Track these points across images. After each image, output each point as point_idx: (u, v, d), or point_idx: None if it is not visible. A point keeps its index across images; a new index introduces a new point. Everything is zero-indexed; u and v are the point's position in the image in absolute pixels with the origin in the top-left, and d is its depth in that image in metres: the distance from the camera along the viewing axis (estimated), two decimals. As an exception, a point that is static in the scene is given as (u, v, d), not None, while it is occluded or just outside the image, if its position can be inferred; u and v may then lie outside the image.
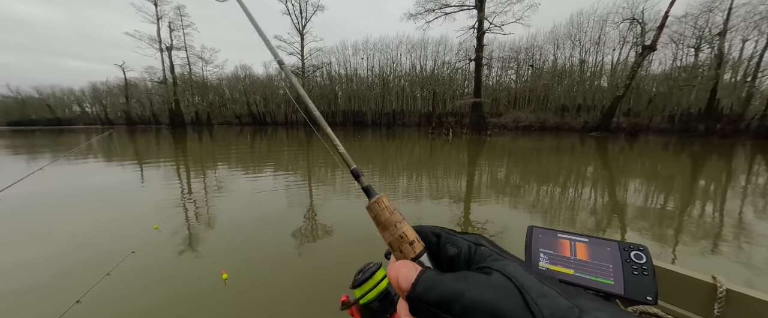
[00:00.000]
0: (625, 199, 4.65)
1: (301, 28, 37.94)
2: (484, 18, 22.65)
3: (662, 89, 26.38)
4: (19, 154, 10.87)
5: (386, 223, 0.37)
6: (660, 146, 14.09)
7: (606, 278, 0.72)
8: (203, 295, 2.05)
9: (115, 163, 8.65)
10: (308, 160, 9.30)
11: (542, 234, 0.83)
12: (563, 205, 4.33)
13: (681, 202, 4.45)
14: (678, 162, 9.02)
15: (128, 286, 2.12)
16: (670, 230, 3.32)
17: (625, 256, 0.73)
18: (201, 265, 2.54)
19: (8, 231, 3.31)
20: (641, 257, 0.72)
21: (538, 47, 33.52)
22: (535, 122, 29.12)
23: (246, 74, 47.99)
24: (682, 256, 2.70)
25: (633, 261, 0.72)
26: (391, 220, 0.37)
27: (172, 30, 37.60)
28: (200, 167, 7.87)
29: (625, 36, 26.79)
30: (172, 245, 2.88)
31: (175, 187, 5.51)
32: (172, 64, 38.30)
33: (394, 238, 0.35)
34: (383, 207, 0.39)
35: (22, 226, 3.45)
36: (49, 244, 2.98)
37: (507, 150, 12.41)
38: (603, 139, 18.08)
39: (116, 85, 53.39)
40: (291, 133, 25.07)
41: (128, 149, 12.65)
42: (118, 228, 3.34)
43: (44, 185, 5.22)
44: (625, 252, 0.74)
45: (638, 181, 6.05)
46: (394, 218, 0.37)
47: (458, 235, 0.34)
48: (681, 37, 23.93)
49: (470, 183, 6.00)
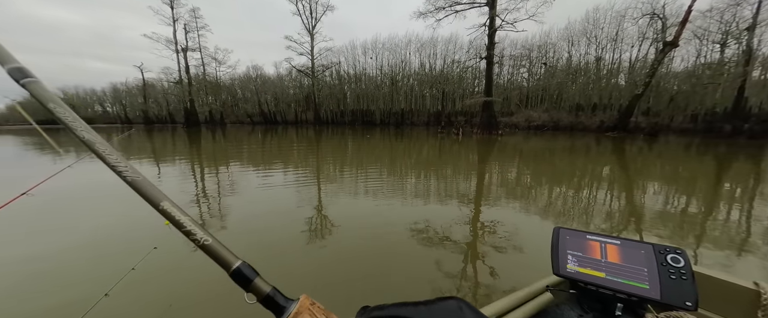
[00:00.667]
0: (644, 201, 4.46)
1: (311, 29, 38.32)
2: (496, 15, 22.20)
3: (685, 87, 25.16)
4: (46, 153, 11.46)
5: None
6: (682, 147, 13.47)
7: (640, 282, 0.68)
8: (221, 288, 2.10)
9: (136, 160, 8.98)
10: (317, 158, 9.39)
11: (570, 235, 0.80)
12: (578, 207, 4.20)
13: (706, 205, 4.23)
14: (701, 164, 8.59)
15: (151, 280, 2.21)
16: (699, 234, 3.16)
17: (660, 259, 0.69)
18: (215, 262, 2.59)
19: (37, 224, 3.48)
20: (679, 261, 0.68)
21: (552, 44, 32.59)
22: (548, 122, 28.36)
23: (257, 74, 48.90)
24: (717, 261, 2.56)
25: (670, 264, 0.68)
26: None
27: (188, 32, 38.70)
28: (214, 164, 8.07)
29: (644, 32, 25.70)
30: (187, 241, 2.96)
31: (191, 183, 5.66)
32: (187, 65, 39.45)
33: None
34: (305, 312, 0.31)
35: (50, 220, 3.62)
36: (75, 236, 3.12)
37: (519, 150, 12.15)
38: (620, 140, 17.43)
39: (135, 85, 55.48)
40: (301, 132, 25.39)
41: (146, 147, 13.13)
42: (141, 223, 3.46)
43: (72, 181, 5.48)
44: (661, 255, 0.70)
45: (658, 183, 5.79)
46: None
47: (431, 304, 0.32)
48: (705, 32, 22.74)
49: (480, 183, 5.90)
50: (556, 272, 0.79)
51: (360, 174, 6.68)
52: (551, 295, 0.92)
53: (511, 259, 2.66)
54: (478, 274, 2.40)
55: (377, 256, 2.69)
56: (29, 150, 12.90)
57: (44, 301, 2.02)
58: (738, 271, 2.42)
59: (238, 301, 1.85)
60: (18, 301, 2.03)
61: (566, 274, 0.77)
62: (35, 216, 3.68)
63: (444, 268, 2.44)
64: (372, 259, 2.63)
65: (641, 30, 25.76)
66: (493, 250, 2.81)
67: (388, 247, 2.85)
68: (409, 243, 2.94)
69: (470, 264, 2.56)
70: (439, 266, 2.48)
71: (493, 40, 22.84)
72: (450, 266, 2.48)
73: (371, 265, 2.54)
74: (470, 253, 2.76)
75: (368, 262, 2.59)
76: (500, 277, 2.34)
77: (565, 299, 0.90)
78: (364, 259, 2.66)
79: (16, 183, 4.49)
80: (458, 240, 3.01)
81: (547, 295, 0.92)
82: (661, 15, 22.13)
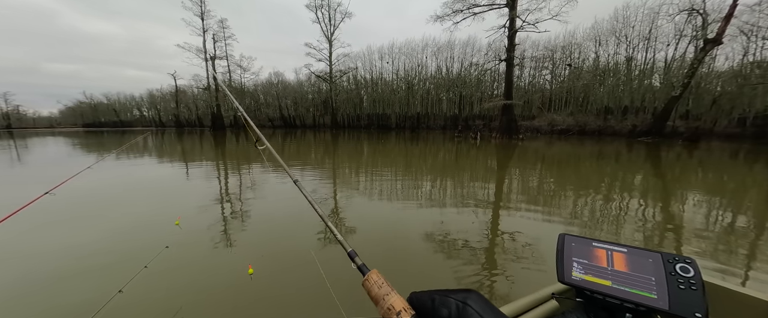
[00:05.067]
0: (680, 213, 4.07)
1: (329, 36, 39.39)
2: (516, 16, 21.61)
3: (730, 88, 22.94)
4: (91, 152, 12.54)
5: (375, 297, 0.39)
6: (727, 154, 12.24)
7: (648, 292, 0.67)
8: (229, 289, 2.15)
9: (155, 161, 9.58)
10: (333, 161, 9.52)
11: (575, 242, 0.79)
12: (604, 218, 3.91)
13: (752, 220, 3.78)
14: (751, 172, 7.74)
15: (163, 278, 2.28)
16: (728, 247, 2.82)
17: (669, 268, 0.68)
18: (229, 261, 2.67)
19: (55, 222, 3.71)
20: (688, 270, 0.66)
21: (577, 45, 31.16)
22: (573, 125, 26.96)
23: (278, 80, 50.94)
24: (737, 275, 2.27)
25: (679, 274, 0.66)
26: (380, 294, 0.39)
27: (216, 41, 41.20)
28: (236, 165, 8.42)
29: (681, 29, 23.91)
30: (202, 241, 3.07)
31: (208, 184, 5.94)
32: (214, 72, 41.95)
33: (384, 311, 0.38)
34: (372, 283, 0.42)
35: (68, 218, 3.85)
36: (90, 234, 3.29)
37: (540, 155, 11.61)
38: (655, 145, 16.17)
39: (168, 91, 59.76)
40: (318, 136, 25.96)
41: (176, 148, 13.99)
42: (152, 223, 3.62)
43: (95, 180, 5.94)
44: (670, 264, 0.68)
45: (697, 194, 5.28)
46: (381, 292, 0.39)
47: (451, 294, 0.36)
48: (753, 27, 20.71)
49: (499, 190, 5.69)
50: (561, 280, 0.78)
51: (375, 177, 6.67)
52: (556, 303, 0.90)
53: (525, 266, 2.51)
54: (492, 281, 2.29)
55: (390, 260, 2.64)
56: (76, 149, 14.17)
57: (61, 298, 2.09)
58: None
59: (245, 300, 1.86)
60: (42, 297, 2.12)
61: (572, 281, 0.76)
62: (53, 214, 3.88)
63: (457, 274, 2.35)
64: (384, 263, 2.59)
65: (678, 27, 24.02)
66: (508, 258, 2.67)
67: (400, 251, 2.79)
68: (422, 247, 2.87)
69: (484, 270, 2.44)
70: (452, 271, 2.40)
71: (513, 42, 22.23)
72: (463, 271, 2.38)
73: (384, 268, 2.50)
74: (485, 259, 2.64)
75: (380, 265, 2.55)
76: (516, 284, 2.22)
77: (570, 307, 0.89)
78: (376, 260, 2.62)
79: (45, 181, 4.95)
80: (473, 246, 2.89)
81: (553, 302, 0.91)
82: (700, 10, 20.46)
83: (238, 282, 2.27)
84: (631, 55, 27.67)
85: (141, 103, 72.38)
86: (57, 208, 3.99)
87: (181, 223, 3.49)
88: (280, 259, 2.75)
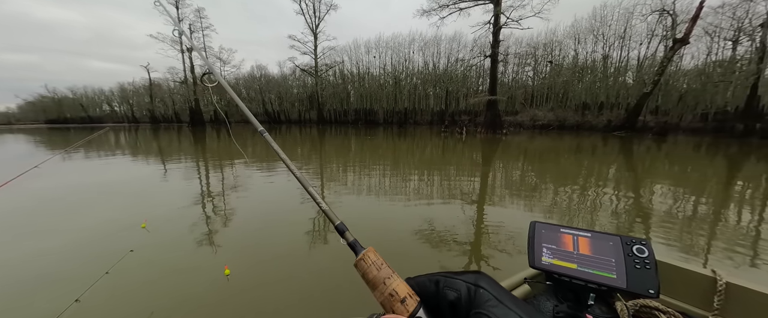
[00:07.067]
0: (647, 202, 4.35)
1: (314, 28, 38.39)
2: (501, 12, 21.94)
3: (695, 86, 24.58)
4: (51, 149, 11.66)
5: (374, 281, 0.34)
6: (691, 147, 13.17)
7: (608, 272, 0.72)
8: (204, 292, 2.06)
9: (125, 160, 9.08)
10: (321, 158, 9.39)
11: (545, 229, 0.83)
12: (582, 207, 4.11)
13: (709, 206, 4.11)
14: (712, 164, 8.38)
15: (126, 284, 2.11)
16: (683, 230, 3.07)
17: (627, 250, 0.73)
18: (204, 262, 2.55)
19: (8, 226, 3.42)
20: (643, 251, 0.71)
21: (558, 42, 32.12)
22: (553, 121, 27.99)
23: (261, 74, 49.19)
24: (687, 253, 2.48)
25: (635, 255, 0.72)
26: (380, 277, 0.34)
27: (192, 32, 39.05)
28: (214, 164, 8.12)
29: (653, 29, 25.16)
30: (172, 242, 2.92)
31: (180, 184, 5.70)
32: (192, 65, 39.82)
33: (385, 297, 0.33)
34: (370, 263, 0.36)
35: (23, 222, 3.52)
36: (47, 240, 2.99)
37: (523, 149, 12.00)
38: (628, 139, 17.12)
39: (142, 85, 56.25)
40: (304, 131, 25.48)
41: (152, 145, 13.28)
42: (118, 225, 3.37)
43: (52, 182, 5.52)
44: (628, 246, 0.73)
45: (665, 184, 5.66)
46: (382, 274, 0.34)
47: (457, 276, 0.33)
48: (717, 29, 22.18)
49: (484, 183, 5.83)
50: (532, 265, 0.82)
51: (363, 173, 6.65)
52: (529, 287, 0.95)
53: (509, 252, 2.61)
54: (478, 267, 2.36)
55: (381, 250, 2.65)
56: (39, 147, 13.13)
57: (8, 314, 1.86)
58: (718, 265, 2.33)
59: (216, 301, 1.80)
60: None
61: (541, 266, 0.80)
62: (3, 218, 3.54)
63: (441, 263, 2.40)
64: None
65: (650, 27, 25.25)
66: (492, 244, 2.76)
67: (389, 243, 2.81)
68: (410, 239, 2.91)
69: (472, 259, 2.51)
70: (439, 261, 2.44)
71: (497, 38, 22.59)
72: (451, 261, 2.44)
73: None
74: (472, 249, 2.72)
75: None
76: (502, 271, 2.30)
77: (541, 291, 0.97)
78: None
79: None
80: (459, 235, 2.96)
81: (526, 287, 0.95)
82: (671, 11, 21.63)
83: (216, 284, 2.17)
84: (607, 53, 28.91)
85: (111, 97, 67.74)
86: (5, 209, 3.67)
87: (148, 225, 3.25)
88: (259, 257, 2.67)
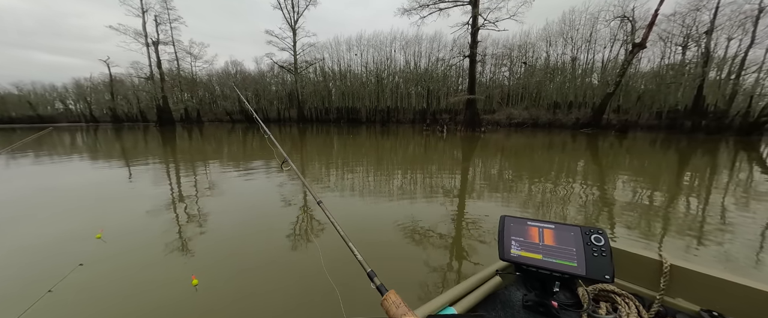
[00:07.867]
0: (610, 193, 4.73)
1: (293, 23, 37.27)
2: (479, 14, 22.61)
3: (651, 86, 26.90)
4: None
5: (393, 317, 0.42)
6: (648, 142, 14.41)
7: (570, 261, 0.77)
8: (172, 305, 1.92)
9: (72, 162, 8.37)
10: (302, 156, 9.18)
11: (514, 223, 0.88)
12: (553, 200, 4.38)
13: (662, 195, 4.55)
14: (665, 158, 9.24)
15: (74, 303, 1.90)
16: (638, 218, 3.39)
17: (586, 239, 0.78)
18: (168, 272, 2.38)
19: None
20: (600, 240, 0.76)
21: (531, 44, 33.70)
22: (528, 119, 29.41)
23: (237, 70, 47.00)
24: (640, 240, 2.75)
25: (593, 244, 0.76)
26: (397, 314, 0.42)
27: (159, 24, 36.40)
28: (191, 166, 7.67)
29: (615, 34, 27.15)
30: (131, 254, 2.67)
31: (148, 189, 5.35)
32: (158, 60, 37.10)
33: None
34: (390, 302, 0.45)
35: None
36: None
37: (500, 147, 12.51)
38: (593, 136, 18.40)
39: (101, 81, 51.56)
40: (284, 130, 24.76)
41: (114, 147, 12.25)
42: (67, 236, 3.03)
43: None
44: (586, 235, 0.78)
45: (624, 176, 6.16)
46: (399, 312, 0.42)
47: None
48: (669, 35, 24.37)
49: (464, 179, 6.02)
50: (502, 257, 0.86)
51: (346, 171, 6.60)
52: (500, 279, 1.00)
53: (489, 245, 2.72)
54: (460, 262, 2.44)
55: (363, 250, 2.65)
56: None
57: None
58: (670, 249, 2.61)
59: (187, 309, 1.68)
60: None
61: (510, 258, 0.84)
62: None
63: (427, 258, 2.46)
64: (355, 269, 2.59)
65: (613, 32, 27.22)
66: (473, 238, 2.87)
67: (373, 240, 2.83)
68: (394, 235, 2.94)
69: (453, 252, 2.59)
70: (422, 257, 2.50)
71: (475, 39, 23.26)
72: (433, 256, 2.50)
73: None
74: (453, 242, 2.80)
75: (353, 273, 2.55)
76: (482, 265, 2.38)
77: (512, 281, 1.03)
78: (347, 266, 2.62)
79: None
80: (441, 230, 3.04)
81: (497, 278, 1.00)
82: (630, 18, 23.45)
83: (182, 296, 2.02)
84: (575, 56, 30.83)
85: (65, 94, 61.45)
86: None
87: (105, 235, 2.93)
88: (234, 265, 2.54)
